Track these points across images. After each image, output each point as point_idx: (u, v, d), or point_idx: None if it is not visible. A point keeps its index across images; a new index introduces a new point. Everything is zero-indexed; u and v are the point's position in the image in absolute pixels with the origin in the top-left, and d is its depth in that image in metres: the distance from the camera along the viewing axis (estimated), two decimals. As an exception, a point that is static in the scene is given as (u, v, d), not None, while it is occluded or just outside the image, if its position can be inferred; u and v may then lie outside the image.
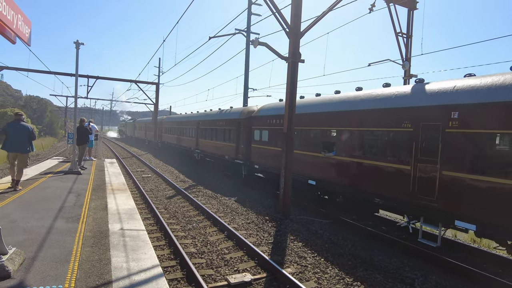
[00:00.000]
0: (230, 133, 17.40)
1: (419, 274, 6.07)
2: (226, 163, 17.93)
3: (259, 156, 14.43)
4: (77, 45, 11.99)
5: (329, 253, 6.94)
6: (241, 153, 15.95)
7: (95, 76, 29.03)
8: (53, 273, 4.04)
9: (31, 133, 8.78)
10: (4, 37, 4.27)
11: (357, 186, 9.06)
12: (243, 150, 15.75)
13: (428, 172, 7.18)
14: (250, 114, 15.53)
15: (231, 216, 9.67)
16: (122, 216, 6.96)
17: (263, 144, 14.03)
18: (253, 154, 14.96)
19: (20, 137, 8.56)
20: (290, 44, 9.63)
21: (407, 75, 13.91)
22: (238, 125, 16.43)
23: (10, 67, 26.67)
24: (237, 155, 16.42)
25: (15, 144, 8.53)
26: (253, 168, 14.91)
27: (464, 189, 6.55)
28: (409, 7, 13.95)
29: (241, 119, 16.13)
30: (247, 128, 15.46)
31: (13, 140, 8.49)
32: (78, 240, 5.26)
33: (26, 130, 8.68)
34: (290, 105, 9.62)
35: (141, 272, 4.32)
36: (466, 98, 6.68)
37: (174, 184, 14.14)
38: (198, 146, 22.44)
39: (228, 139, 17.59)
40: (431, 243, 7.30)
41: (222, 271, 5.92)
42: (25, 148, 8.64)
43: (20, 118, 8.82)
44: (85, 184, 10.26)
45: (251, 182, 15.18)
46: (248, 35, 21.31)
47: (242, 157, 15.77)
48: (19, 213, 6.49)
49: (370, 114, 8.79)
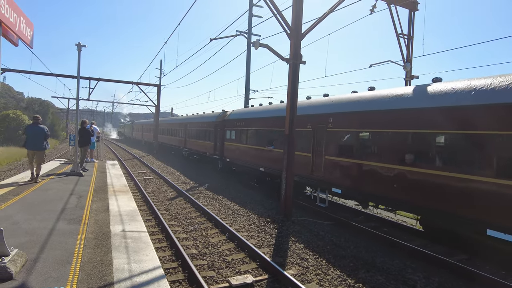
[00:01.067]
0: (210, 133, 20.82)
1: (422, 276, 6.04)
2: (207, 159, 21.39)
3: (229, 151, 17.73)
4: (79, 47, 12.04)
5: (331, 254, 6.92)
6: (218, 150, 19.19)
7: (96, 78, 29.09)
8: (55, 275, 4.05)
9: (46, 134, 10.25)
10: (6, 40, 4.29)
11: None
12: (219, 147, 19.06)
13: (319, 157, 10.73)
14: (223, 118, 18.76)
15: (233, 217, 9.67)
16: (124, 217, 6.97)
17: (232, 141, 17.41)
18: (225, 150, 18.21)
19: (38, 137, 10.02)
20: (291, 45, 9.64)
21: (408, 76, 13.90)
22: (215, 127, 19.82)
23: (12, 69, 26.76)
24: (215, 152, 19.71)
25: (33, 143, 9.96)
26: (226, 162, 18.09)
27: (335, 167, 10.03)
28: (410, 8, 13.96)
29: (217, 122, 19.51)
30: (222, 129, 18.73)
31: (32, 140, 9.95)
32: (80, 242, 5.26)
33: (42, 131, 10.15)
34: (291, 106, 9.62)
35: (142, 274, 4.33)
36: (335, 109, 10.37)
37: (175, 185, 14.16)
38: (186, 145, 26.15)
39: (208, 139, 21.05)
40: (323, 204, 10.83)
41: (224, 273, 5.91)
42: (42, 146, 10.09)
43: (37, 121, 10.33)
44: (87, 185, 10.28)
45: (225, 174, 18.34)
46: (249, 37, 21.36)
47: (218, 153, 19.09)
48: (21, 215, 6.51)
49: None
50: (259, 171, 14.34)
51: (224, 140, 18.35)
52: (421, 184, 7.54)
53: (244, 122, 16.40)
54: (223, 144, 18.49)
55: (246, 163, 15.72)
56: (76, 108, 13.49)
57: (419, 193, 7.60)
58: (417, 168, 7.64)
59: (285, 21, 9.55)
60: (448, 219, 7.03)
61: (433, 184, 7.25)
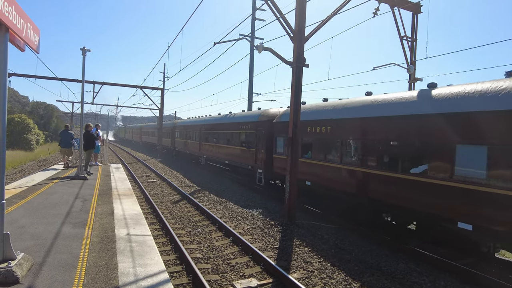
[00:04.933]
0: (195, 135, 25.28)
1: (427, 280, 6.00)
2: (192, 157, 26.41)
3: (206, 150, 22.27)
4: (84, 51, 12.15)
5: (336, 258, 6.89)
6: (200, 149, 23.65)
7: (101, 82, 29.30)
8: (60, 279, 4.07)
9: (73, 136, 15.84)
10: (13, 45, 4.34)
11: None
12: (201, 147, 23.44)
13: (259, 151, 14.81)
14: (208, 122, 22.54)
15: (237, 221, 9.66)
16: (128, 221, 6.99)
17: (210, 142, 21.52)
18: (202, 149, 23.05)
19: (67, 138, 15.42)
20: (295, 48, 9.66)
21: (412, 79, 13.85)
22: (199, 129, 23.96)
23: (18, 74, 27.03)
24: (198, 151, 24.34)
25: (65, 143, 15.43)
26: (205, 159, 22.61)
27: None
28: (413, 10, 13.93)
29: (202, 125, 23.41)
30: (203, 131, 22.88)
31: (64, 141, 15.42)
32: (85, 246, 5.29)
33: (70, 135, 15.64)
34: (295, 109, 9.62)
35: (147, 278, 4.33)
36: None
37: (179, 189, 14.18)
38: (174, 144, 32.38)
39: (193, 139, 25.64)
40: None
41: (228, 277, 5.91)
42: (70, 145, 15.57)
43: (67, 128, 15.77)
44: (91, 189, 10.33)
45: (206, 167, 22.72)
46: (253, 41, 21.43)
47: (198, 152, 23.93)
48: (27, 219, 6.55)
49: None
50: (224, 164, 18.04)
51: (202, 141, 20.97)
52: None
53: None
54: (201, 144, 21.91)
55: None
56: (80, 111, 13.59)
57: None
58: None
59: (288, 24, 9.58)
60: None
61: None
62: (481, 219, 6.21)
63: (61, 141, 15.56)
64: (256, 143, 15.25)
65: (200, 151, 23.49)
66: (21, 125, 40.74)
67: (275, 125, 13.83)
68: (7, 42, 3.94)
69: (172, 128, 33.82)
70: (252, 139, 15.64)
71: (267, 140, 14.28)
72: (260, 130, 15.00)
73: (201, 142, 23.24)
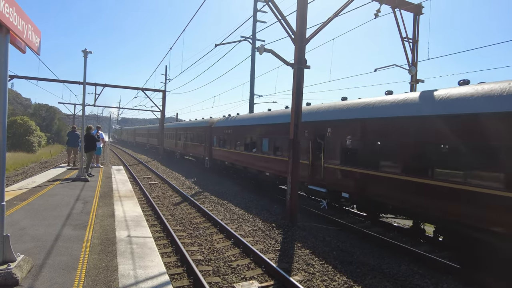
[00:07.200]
0: (173, 135, 32.00)
1: (430, 283, 5.95)
2: (173, 154, 32.63)
3: (184, 148, 27.97)
4: (85, 53, 12.18)
5: (337, 260, 6.85)
6: (176, 146, 30.73)
7: (102, 84, 29.39)
8: (60, 281, 4.05)
9: (79, 137, 15.85)
10: (14, 47, 4.34)
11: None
12: (176, 144, 30.59)
13: (206, 145, 21.98)
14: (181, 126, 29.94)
15: (238, 223, 9.63)
16: (129, 223, 6.97)
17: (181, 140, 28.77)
18: (179, 147, 29.71)
19: (74, 139, 16.26)
20: (296, 50, 9.65)
21: (413, 80, 13.82)
22: (176, 131, 31.09)
23: (20, 76, 27.16)
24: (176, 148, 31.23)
25: (72, 143, 16.46)
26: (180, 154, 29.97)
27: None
28: (415, 12, 13.92)
29: (178, 128, 30.89)
30: (179, 132, 29.69)
31: (71, 141, 16.48)
32: (86, 247, 5.27)
33: (77, 136, 16.13)
34: (296, 111, 9.60)
35: (148, 280, 4.31)
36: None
37: (180, 190, 14.16)
38: (162, 144, 36.28)
39: (171, 138, 32.56)
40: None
41: (229, 279, 5.87)
42: (77, 145, 16.13)
43: (74, 130, 17.01)
44: (93, 191, 10.32)
45: (181, 161, 29.76)
46: (254, 42, 21.43)
47: (179, 149, 29.75)
48: (28, 221, 6.54)
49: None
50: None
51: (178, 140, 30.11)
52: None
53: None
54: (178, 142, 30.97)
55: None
56: (82, 113, 13.61)
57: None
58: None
59: (290, 26, 9.58)
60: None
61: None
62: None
63: (68, 140, 16.99)
64: (205, 140, 22.51)
65: (176, 147, 31.51)
66: (23, 127, 40.84)
67: (213, 129, 21.27)
68: (7, 44, 3.94)
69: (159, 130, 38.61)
70: (203, 137, 23.02)
71: (210, 138, 21.50)
72: (207, 132, 22.14)
73: (177, 141, 31.26)
